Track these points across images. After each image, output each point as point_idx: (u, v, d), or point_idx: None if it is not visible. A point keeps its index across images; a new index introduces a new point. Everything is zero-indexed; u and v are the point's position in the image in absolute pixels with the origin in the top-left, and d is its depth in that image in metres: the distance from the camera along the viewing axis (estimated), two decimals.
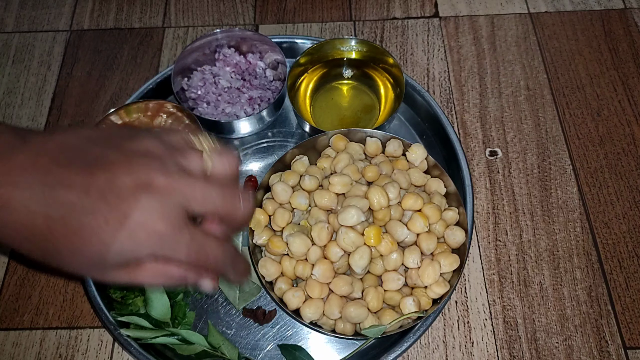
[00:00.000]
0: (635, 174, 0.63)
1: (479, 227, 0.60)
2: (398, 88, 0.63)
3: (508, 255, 0.59)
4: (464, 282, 0.57)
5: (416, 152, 0.55)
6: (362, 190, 0.50)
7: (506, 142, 0.66)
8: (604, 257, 0.58)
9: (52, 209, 0.30)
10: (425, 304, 0.49)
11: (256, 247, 0.53)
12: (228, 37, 0.65)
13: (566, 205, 0.62)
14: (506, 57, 0.73)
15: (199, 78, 0.64)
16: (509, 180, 0.63)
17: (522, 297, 0.56)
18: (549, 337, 0.54)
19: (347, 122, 0.64)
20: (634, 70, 0.71)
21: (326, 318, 0.49)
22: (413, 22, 0.76)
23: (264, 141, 0.65)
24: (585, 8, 0.77)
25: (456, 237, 0.50)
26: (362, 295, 0.49)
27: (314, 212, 0.51)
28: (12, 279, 0.58)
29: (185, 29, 0.77)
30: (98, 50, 0.75)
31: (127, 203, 0.31)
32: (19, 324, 0.56)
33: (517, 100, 0.69)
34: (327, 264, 0.48)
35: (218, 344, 0.50)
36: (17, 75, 0.73)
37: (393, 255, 0.48)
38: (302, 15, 0.77)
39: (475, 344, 0.54)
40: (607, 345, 0.54)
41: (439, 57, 0.73)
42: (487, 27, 0.76)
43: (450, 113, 0.68)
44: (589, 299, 0.56)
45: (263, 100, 0.63)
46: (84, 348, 0.55)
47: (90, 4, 0.80)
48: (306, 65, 0.66)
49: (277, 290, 0.50)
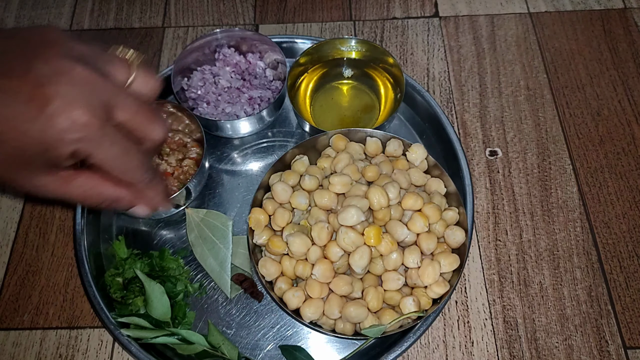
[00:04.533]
0: (635, 173, 0.63)
1: (479, 227, 0.60)
2: (398, 88, 0.63)
3: (508, 255, 0.59)
4: (464, 282, 0.57)
5: (416, 152, 0.55)
6: (362, 190, 0.50)
7: (506, 142, 0.66)
8: (604, 257, 0.58)
9: None
10: (425, 303, 0.49)
11: (256, 247, 0.53)
12: (228, 37, 0.65)
13: (566, 205, 0.62)
14: (506, 57, 0.73)
15: (199, 78, 0.64)
16: (509, 180, 0.63)
17: (522, 297, 0.56)
18: (549, 337, 0.54)
19: (347, 122, 0.64)
20: (634, 70, 0.71)
21: (326, 318, 0.49)
22: (413, 22, 0.76)
23: (264, 141, 0.65)
24: (585, 8, 0.77)
25: (456, 237, 0.50)
26: (362, 295, 0.49)
27: (314, 212, 0.51)
28: (12, 279, 0.58)
29: (185, 28, 0.77)
30: None
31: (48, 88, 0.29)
32: (19, 324, 0.56)
33: (517, 100, 0.69)
34: (327, 263, 0.48)
35: (218, 343, 0.50)
36: None
37: (393, 255, 0.48)
38: (302, 15, 0.77)
39: (475, 344, 0.54)
40: (607, 345, 0.54)
41: (439, 57, 0.73)
42: (487, 27, 0.76)
43: (450, 113, 0.68)
44: (589, 299, 0.56)
45: (263, 100, 0.63)
46: (84, 348, 0.55)
47: (90, 3, 0.80)
48: (306, 65, 0.66)
49: (277, 290, 0.50)
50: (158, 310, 0.50)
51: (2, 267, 0.59)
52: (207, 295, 0.56)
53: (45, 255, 0.60)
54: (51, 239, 0.61)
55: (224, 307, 0.55)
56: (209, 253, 0.55)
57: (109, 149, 0.31)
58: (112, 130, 0.31)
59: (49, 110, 0.29)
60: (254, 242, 0.52)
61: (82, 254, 0.54)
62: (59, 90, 0.29)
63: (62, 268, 0.59)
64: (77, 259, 0.56)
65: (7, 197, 0.64)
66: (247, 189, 0.62)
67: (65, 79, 0.29)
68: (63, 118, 0.29)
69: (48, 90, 0.29)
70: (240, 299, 0.55)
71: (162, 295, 0.50)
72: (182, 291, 0.54)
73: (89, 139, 0.30)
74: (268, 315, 0.55)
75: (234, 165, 0.64)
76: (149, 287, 0.50)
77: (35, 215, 0.62)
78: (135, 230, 0.60)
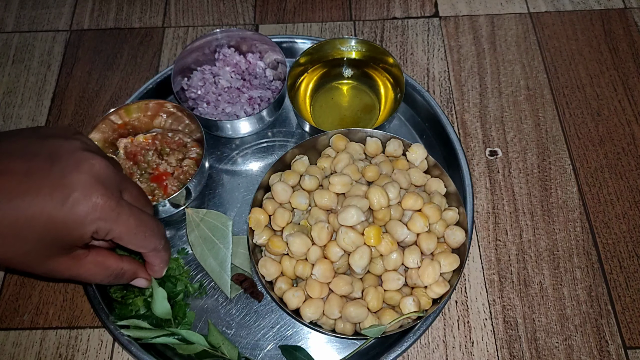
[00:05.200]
0: (635, 173, 0.63)
1: (479, 227, 0.60)
2: (398, 88, 0.63)
3: (508, 255, 0.59)
4: (464, 282, 0.57)
5: (416, 152, 0.55)
6: (362, 190, 0.50)
7: (506, 141, 0.66)
8: (604, 257, 0.58)
9: None
10: (425, 303, 0.49)
11: (256, 247, 0.53)
12: (228, 37, 0.65)
13: (566, 205, 0.62)
14: (506, 57, 0.73)
15: (199, 78, 0.64)
16: (509, 180, 0.63)
17: (522, 297, 0.56)
18: (549, 337, 0.54)
19: (347, 122, 0.64)
20: (634, 70, 0.71)
21: (326, 318, 0.49)
22: (413, 21, 0.76)
23: (264, 141, 0.65)
24: (585, 8, 0.77)
25: (456, 237, 0.50)
26: (362, 295, 0.49)
27: (314, 212, 0.51)
28: (12, 279, 0.58)
29: (185, 28, 0.77)
30: (98, 50, 0.75)
31: (69, 179, 0.34)
32: (19, 324, 0.56)
33: (517, 100, 0.69)
34: (327, 263, 0.48)
35: (218, 343, 0.50)
36: (17, 75, 0.73)
37: (393, 255, 0.48)
38: (302, 15, 0.77)
39: (475, 344, 0.54)
40: (607, 345, 0.54)
41: (439, 57, 0.73)
42: (487, 26, 0.76)
43: (450, 113, 0.68)
44: (589, 299, 0.56)
45: (263, 100, 0.63)
46: (84, 348, 0.55)
47: (90, 3, 0.80)
48: (306, 65, 0.66)
49: (277, 290, 0.50)
50: (160, 308, 0.50)
51: None
52: (207, 295, 0.56)
53: None
54: None
55: (224, 307, 0.55)
56: (209, 253, 0.55)
57: (126, 222, 0.36)
58: (126, 206, 0.37)
59: (73, 197, 0.34)
60: (254, 242, 0.52)
61: None
62: (81, 179, 0.34)
63: None
64: None
65: None
66: (247, 189, 0.62)
67: (85, 168, 0.35)
68: (84, 203, 0.34)
69: (70, 180, 0.34)
70: (240, 299, 0.55)
71: (165, 294, 0.50)
72: (182, 291, 0.54)
73: (108, 218, 0.35)
74: (268, 315, 0.55)
75: (234, 165, 0.64)
76: (155, 287, 0.50)
77: None
78: None
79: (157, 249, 0.41)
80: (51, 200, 0.33)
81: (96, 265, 0.39)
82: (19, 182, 0.33)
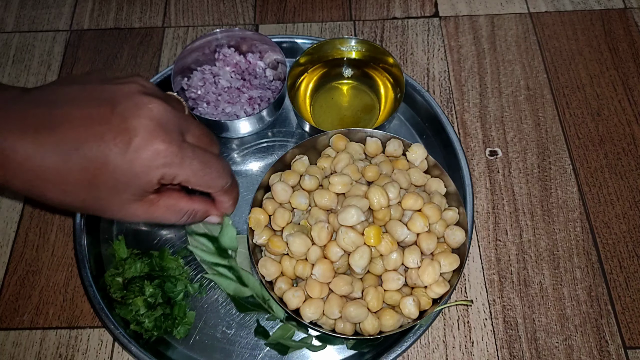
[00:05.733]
0: (635, 173, 0.63)
1: (479, 227, 0.60)
2: (398, 88, 0.63)
3: (508, 255, 0.59)
4: (464, 282, 0.57)
5: (416, 152, 0.55)
6: (362, 190, 0.50)
7: (506, 141, 0.66)
8: (604, 257, 0.59)
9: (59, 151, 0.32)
10: (425, 303, 0.49)
11: (256, 247, 0.53)
12: (228, 37, 0.65)
13: (566, 205, 0.62)
14: (506, 57, 0.73)
15: (198, 78, 0.64)
16: (509, 180, 0.63)
17: (522, 297, 0.56)
18: (549, 337, 0.54)
19: (347, 121, 0.64)
20: (634, 70, 0.71)
21: (326, 318, 0.49)
22: (413, 21, 0.76)
23: (264, 141, 0.65)
24: (585, 8, 0.77)
25: (456, 237, 0.50)
26: (362, 295, 0.49)
27: (314, 212, 0.51)
28: (12, 279, 0.58)
29: (185, 28, 0.77)
30: (98, 50, 0.75)
31: (130, 124, 0.33)
32: (19, 324, 0.56)
33: (517, 100, 0.69)
34: (327, 263, 0.48)
35: (268, 297, 0.51)
36: (17, 75, 0.73)
37: (393, 255, 0.48)
38: (302, 15, 0.77)
39: (475, 344, 0.54)
40: (607, 345, 0.54)
41: (439, 57, 0.73)
42: (487, 26, 0.76)
43: (450, 113, 0.68)
44: (589, 299, 0.56)
45: (263, 100, 0.63)
46: (84, 348, 0.55)
47: (90, 3, 0.80)
48: (306, 65, 0.66)
49: (277, 290, 0.50)
50: (227, 238, 0.52)
51: (2, 267, 0.59)
52: (207, 295, 0.56)
53: (45, 255, 0.60)
54: (51, 239, 0.61)
55: (224, 307, 0.55)
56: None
57: (190, 166, 0.36)
58: (189, 149, 0.36)
59: (135, 144, 0.33)
60: (254, 242, 0.52)
61: (82, 254, 0.54)
62: (141, 124, 0.33)
63: (62, 268, 0.59)
64: (77, 259, 0.56)
65: (7, 197, 0.64)
66: (247, 189, 0.62)
67: (144, 113, 0.33)
68: (147, 149, 0.33)
69: (131, 125, 0.33)
70: None
71: (233, 228, 0.52)
72: (182, 291, 0.54)
73: (172, 163, 0.34)
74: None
75: (234, 165, 0.64)
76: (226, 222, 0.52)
77: (35, 215, 0.62)
78: (135, 230, 0.60)
79: (224, 188, 0.41)
80: (115, 147, 0.32)
81: (169, 209, 0.39)
82: (83, 129, 0.32)
